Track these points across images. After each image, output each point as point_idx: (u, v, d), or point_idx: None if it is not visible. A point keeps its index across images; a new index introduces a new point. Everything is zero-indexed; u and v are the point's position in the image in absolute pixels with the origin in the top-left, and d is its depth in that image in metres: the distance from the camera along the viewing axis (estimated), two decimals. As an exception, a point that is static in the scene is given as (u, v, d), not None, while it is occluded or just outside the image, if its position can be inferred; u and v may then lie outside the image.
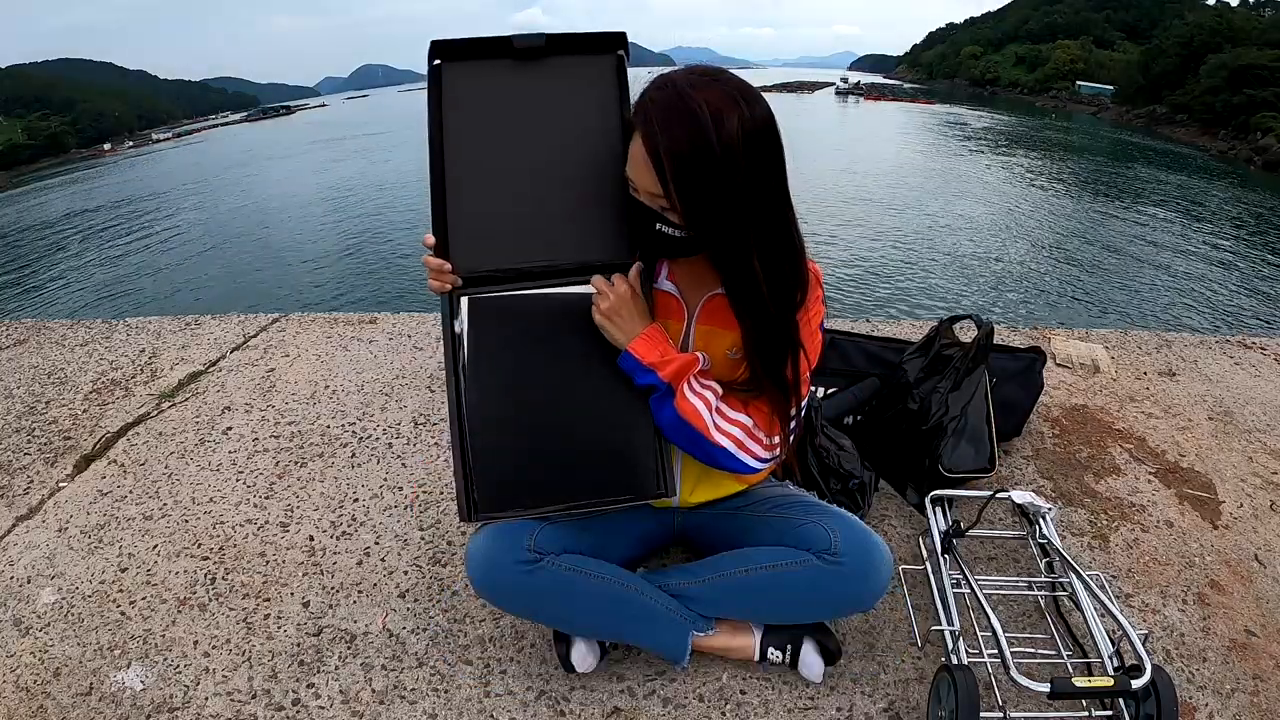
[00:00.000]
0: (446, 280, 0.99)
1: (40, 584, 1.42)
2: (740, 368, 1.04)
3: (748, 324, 0.97)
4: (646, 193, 0.90)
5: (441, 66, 0.98)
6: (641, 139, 0.87)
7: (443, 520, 1.55)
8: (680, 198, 0.86)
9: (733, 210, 0.87)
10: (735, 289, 0.94)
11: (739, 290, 0.94)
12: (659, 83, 0.88)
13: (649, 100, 0.87)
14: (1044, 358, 1.77)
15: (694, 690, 1.16)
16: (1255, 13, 57.18)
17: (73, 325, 2.65)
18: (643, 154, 0.87)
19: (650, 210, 0.92)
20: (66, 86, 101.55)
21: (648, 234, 0.94)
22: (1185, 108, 43.34)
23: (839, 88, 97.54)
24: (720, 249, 0.91)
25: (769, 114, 0.88)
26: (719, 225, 0.88)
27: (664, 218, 0.91)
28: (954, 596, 1.18)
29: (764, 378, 0.99)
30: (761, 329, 0.96)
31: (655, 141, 0.85)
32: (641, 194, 0.92)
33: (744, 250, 0.90)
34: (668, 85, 0.87)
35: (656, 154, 0.85)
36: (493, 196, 0.99)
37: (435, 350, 2.31)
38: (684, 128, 0.83)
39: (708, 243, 0.91)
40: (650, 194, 0.90)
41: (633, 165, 0.91)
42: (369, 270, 17.57)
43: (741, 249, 0.90)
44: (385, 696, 1.16)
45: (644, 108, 0.87)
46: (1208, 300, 14.40)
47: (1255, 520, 1.56)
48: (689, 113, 0.83)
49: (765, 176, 0.89)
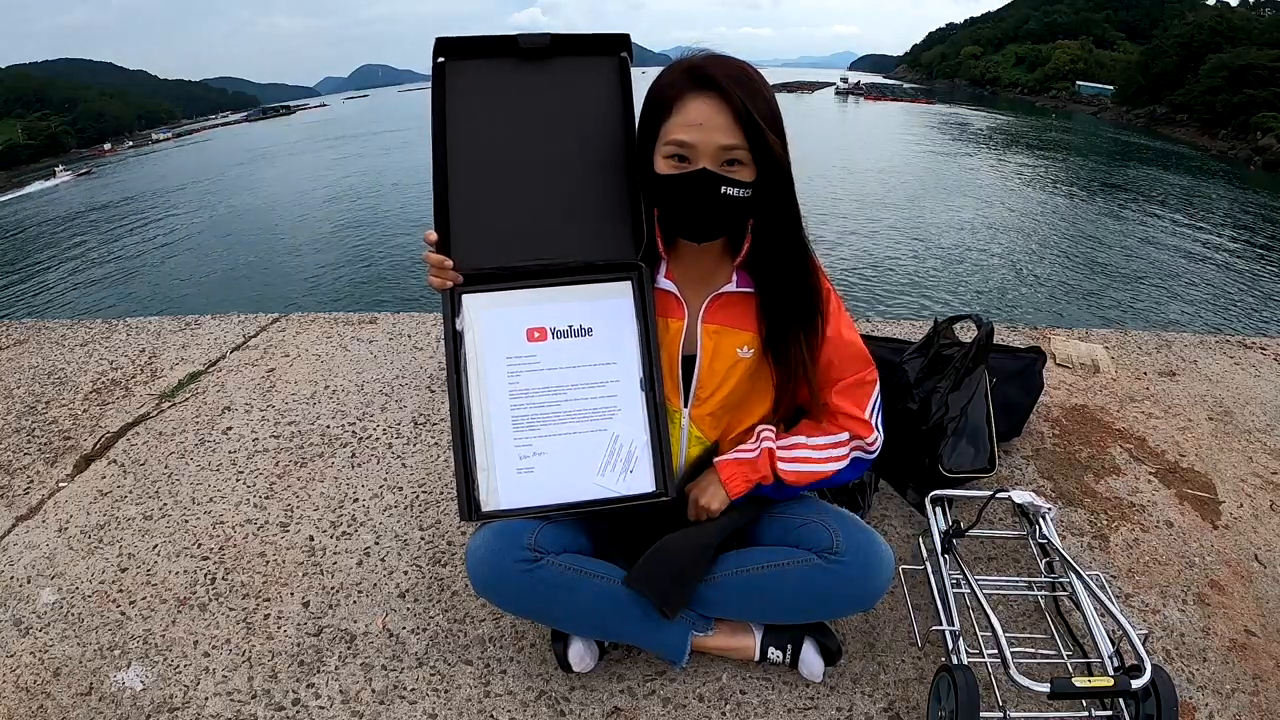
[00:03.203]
0: (448, 277, 0.99)
1: (40, 584, 1.42)
2: (747, 366, 1.04)
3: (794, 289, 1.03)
4: (715, 149, 0.91)
5: (446, 64, 0.98)
6: (716, 97, 0.90)
7: (443, 520, 1.55)
8: (757, 142, 0.91)
9: (787, 161, 0.95)
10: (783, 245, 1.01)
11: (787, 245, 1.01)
12: (693, 59, 0.94)
13: (706, 63, 0.92)
14: (1044, 358, 1.77)
15: (694, 690, 1.16)
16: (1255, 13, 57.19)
17: (73, 325, 2.65)
18: (709, 112, 0.90)
19: (711, 177, 0.92)
20: (66, 86, 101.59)
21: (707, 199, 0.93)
22: (1185, 108, 43.38)
23: (839, 88, 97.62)
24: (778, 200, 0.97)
25: None
26: (783, 173, 0.95)
27: (729, 179, 0.93)
28: (954, 596, 1.18)
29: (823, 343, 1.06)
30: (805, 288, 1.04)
31: (736, 92, 0.89)
32: (703, 158, 0.92)
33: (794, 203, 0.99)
34: (711, 60, 0.93)
35: (740, 104, 0.89)
36: (495, 194, 0.99)
37: (435, 350, 2.31)
38: (752, 80, 0.92)
39: (770, 195, 0.96)
40: (722, 148, 0.91)
41: (691, 127, 0.91)
42: (369, 270, 17.57)
43: (792, 201, 0.98)
44: (385, 696, 1.16)
45: (703, 69, 0.91)
46: (1208, 300, 14.41)
47: (1255, 520, 1.56)
48: (747, 72, 0.92)
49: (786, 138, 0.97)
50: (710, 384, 1.06)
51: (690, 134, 0.91)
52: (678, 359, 1.06)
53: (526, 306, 1.01)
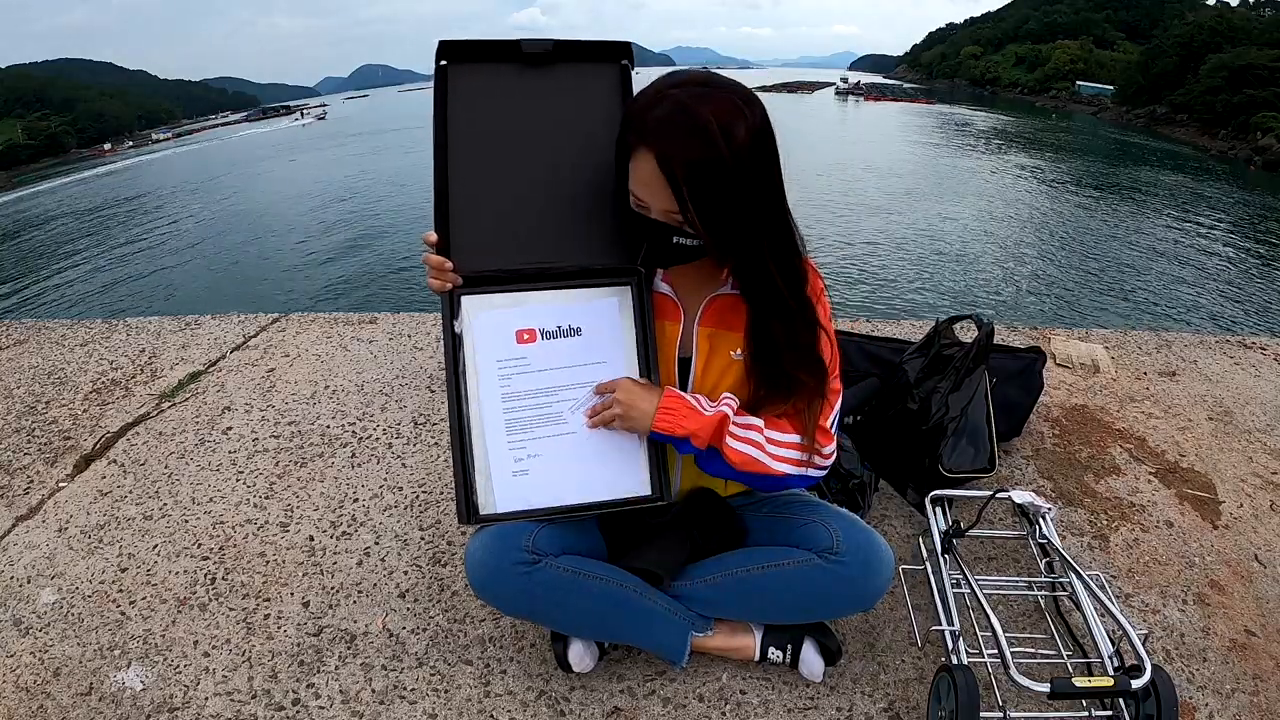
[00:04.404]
0: (447, 279, 0.99)
1: (40, 584, 1.42)
2: (745, 369, 1.04)
3: (771, 323, 0.97)
4: (661, 210, 0.89)
5: (448, 67, 0.98)
6: (652, 158, 0.84)
7: (443, 520, 1.55)
8: (698, 211, 0.85)
9: (746, 214, 0.87)
10: (754, 290, 0.96)
11: (758, 291, 0.96)
12: (652, 98, 0.86)
13: (653, 119, 0.84)
14: (1044, 358, 1.77)
15: (694, 690, 1.16)
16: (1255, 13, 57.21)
17: (73, 325, 2.65)
18: (652, 173, 0.85)
19: (662, 228, 0.91)
20: (66, 86, 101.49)
21: (662, 246, 0.93)
22: (1185, 108, 43.39)
23: (839, 88, 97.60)
24: (738, 253, 0.92)
25: (765, 112, 0.88)
26: (736, 231, 0.88)
27: (681, 230, 0.90)
28: (954, 596, 1.18)
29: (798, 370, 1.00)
30: (785, 324, 0.98)
31: (669, 161, 0.83)
32: (655, 212, 0.90)
33: (759, 251, 0.91)
34: (666, 99, 0.84)
35: (671, 173, 0.83)
36: (495, 197, 1.00)
37: (435, 350, 2.31)
38: (697, 143, 0.82)
39: (725, 249, 0.91)
40: (665, 211, 0.88)
41: (641, 185, 0.88)
42: (369, 270, 17.56)
43: (756, 250, 0.91)
44: (385, 696, 1.16)
45: (648, 126, 0.84)
46: (1208, 300, 14.41)
47: (1255, 520, 1.56)
48: (698, 128, 0.82)
49: (770, 176, 0.89)
50: (705, 386, 1.05)
51: (639, 190, 0.90)
52: (674, 362, 1.05)
53: (515, 309, 1.01)
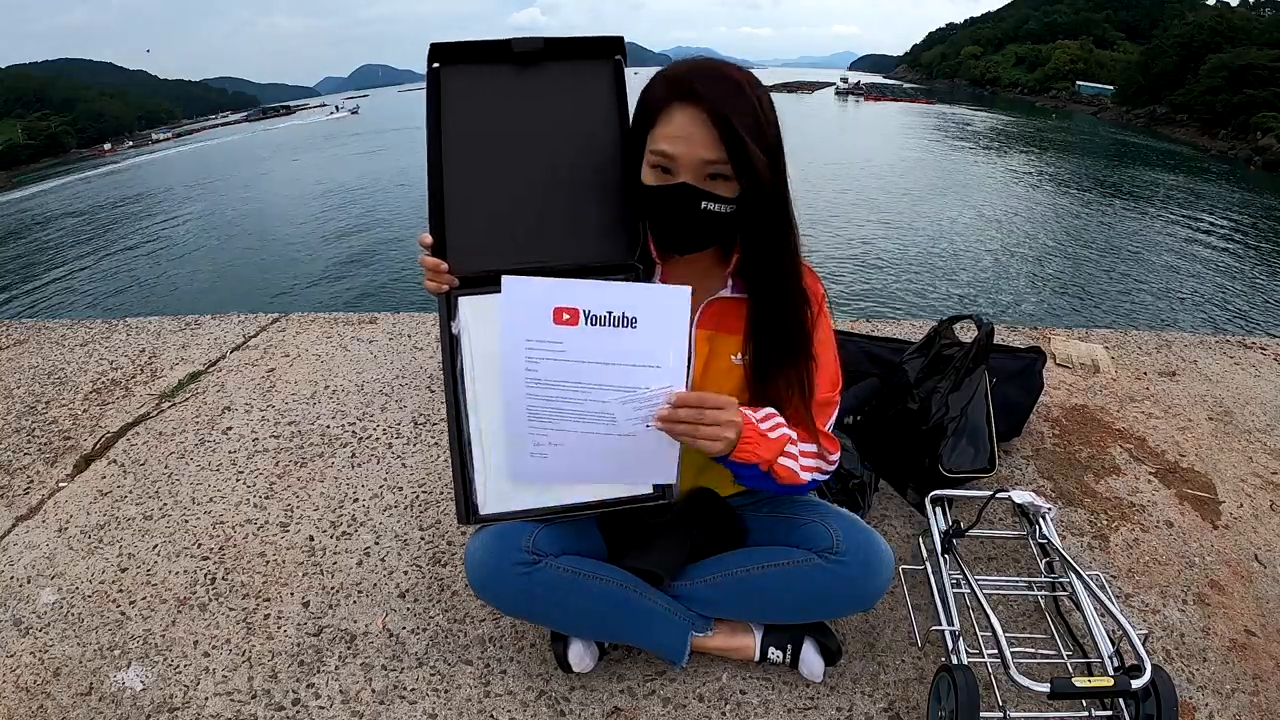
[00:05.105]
0: (444, 280, 0.99)
1: (40, 584, 1.42)
2: (742, 373, 1.04)
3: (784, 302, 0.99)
4: (697, 162, 0.89)
5: (440, 69, 0.98)
6: (692, 107, 0.88)
7: (443, 520, 1.55)
8: (739, 158, 0.88)
9: (775, 172, 0.91)
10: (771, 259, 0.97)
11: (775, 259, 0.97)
12: (676, 66, 0.92)
13: (690, 74, 0.89)
14: (1044, 358, 1.77)
15: (694, 690, 1.16)
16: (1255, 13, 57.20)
17: (73, 325, 2.65)
18: (691, 121, 0.88)
19: (692, 191, 0.90)
20: (66, 86, 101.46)
21: (685, 216, 0.92)
22: (1185, 108, 43.37)
23: (839, 88, 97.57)
24: (766, 211, 0.94)
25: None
26: (768, 183, 0.91)
27: (711, 194, 0.91)
28: (954, 596, 1.18)
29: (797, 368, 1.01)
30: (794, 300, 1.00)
31: (716, 104, 0.87)
32: (685, 170, 0.90)
33: (784, 212, 0.95)
34: (693, 64, 0.91)
35: (721, 115, 0.86)
36: (491, 198, 0.99)
37: (435, 350, 2.31)
38: (739, 91, 0.88)
39: (754, 211, 0.93)
40: (704, 161, 0.89)
41: (673, 140, 0.89)
42: (369, 270, 17.56)
43: (781, 215, 0.95)
44: (385, 696, 1.16)
45: (686, 80, 0.89)
46: (1208, 300, 14.40)
47: (1255, 520, 1.56)
48: (735, 81, 0.89)
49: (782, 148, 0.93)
50: (704, 389, 1.05)
51: (672, 145, 0.90)
52: None
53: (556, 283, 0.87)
